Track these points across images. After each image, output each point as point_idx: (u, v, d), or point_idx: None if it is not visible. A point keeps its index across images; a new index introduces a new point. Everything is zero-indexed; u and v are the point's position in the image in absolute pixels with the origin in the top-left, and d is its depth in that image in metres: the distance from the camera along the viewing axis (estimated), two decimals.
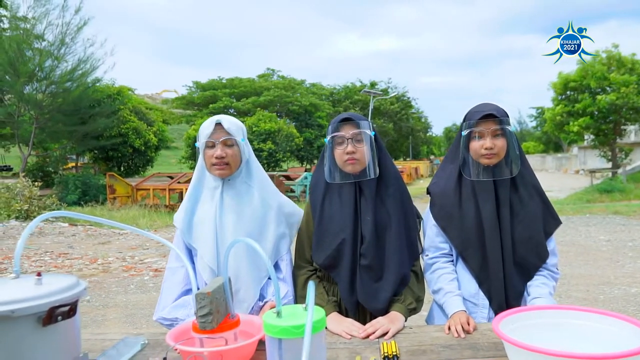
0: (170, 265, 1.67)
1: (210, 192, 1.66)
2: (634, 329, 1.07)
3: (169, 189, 14.98)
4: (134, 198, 15.47)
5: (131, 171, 21.10)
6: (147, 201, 15.09)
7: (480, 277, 1.63)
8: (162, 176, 18.03)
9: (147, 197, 15.37)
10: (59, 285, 1.01)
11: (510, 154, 1.61)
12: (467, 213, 1.64)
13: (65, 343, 1.03)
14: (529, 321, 1.19)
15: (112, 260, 7.73)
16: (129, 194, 15.73)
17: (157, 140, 21.07)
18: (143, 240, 9.75)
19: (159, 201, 15.02)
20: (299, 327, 1.08)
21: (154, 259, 7.80)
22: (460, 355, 1.25)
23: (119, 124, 18.88)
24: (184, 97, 39.53)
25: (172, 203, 14.72)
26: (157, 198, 15.19)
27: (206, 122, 1.64)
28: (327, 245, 1.60)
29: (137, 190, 15.63)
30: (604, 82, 17.59)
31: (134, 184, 15.88)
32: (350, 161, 1.58)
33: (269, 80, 39.19)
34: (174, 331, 1.31)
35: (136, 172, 21.37)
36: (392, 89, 42.73)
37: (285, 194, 17.81)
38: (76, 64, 15.87)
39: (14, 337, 0.93)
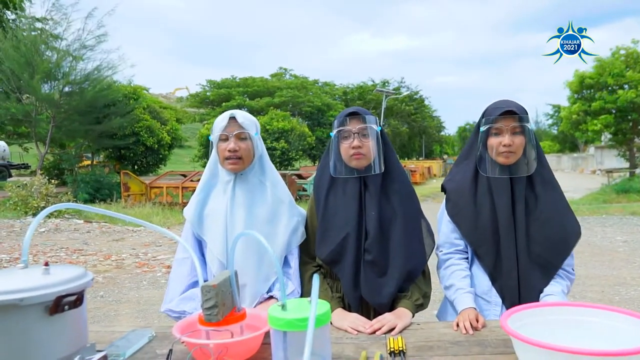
0: (177, 256, 1.68)
1: (223, 186, 1.67)
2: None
3: (182, 187, 15.12)
4: (148, 196, 15.65)
5: (144, 169, 21.32)
6: (161, 199, 15.27)
7: (493, 274, 1.61)
8: (176, 174, 18.21)
9: (160, 195, 15.54)
10: (66, 276, 1.02)
11: (528, 152, 1.59)
12: (482, 210, 1.62)
13: (71, 333, 1.04)
14: (538, 318, 1.17)
15: (125, 256, 7.82)
16: (143, 192, 15.92)
17: (170, 139, 21.25)
18: (156, 237, 9.85)
19: (172, 199, 15.18)
20: (303, 320, 1.07)
21: (166, 255, 7.87)
22: (468, 352, 1.24)
23: (133, 122, 19.09)
24: (198, 94, 39.86)
25: (186, 201, 14.85)
26: (170, 196, 15.35)
27: (220, 116, 1.65)
28: (330, 240, 1.59)
29: (150, 188, 15.81)
30: (621, 80, 17.25)
31: (147, 182, 16.08)
32: (356, 156, 1.57)
33: (281, 79, 39.30)
34: (181, 323, 1.32)
35: (149, 171, 21.59)
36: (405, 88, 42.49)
37: (297, 192, 17.80)
38: (95, 67, 16.16)
39: (21, 325, 0.94)
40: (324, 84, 40.85)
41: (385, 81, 41.43)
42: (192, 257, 1.36)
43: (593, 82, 17.87)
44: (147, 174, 21.16)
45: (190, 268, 1.61)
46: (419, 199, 1.73)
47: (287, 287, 1.61)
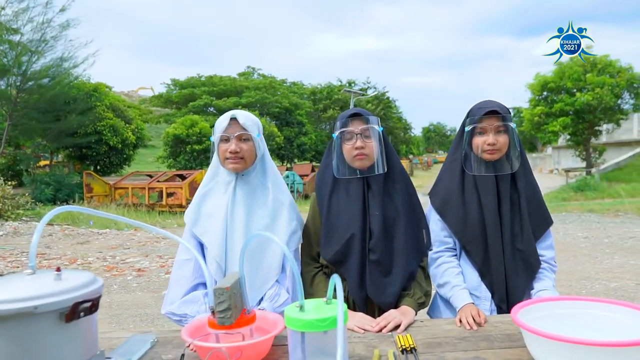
0: (178, 258, 1.64)
1: (224, 186, 1.64)
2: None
3: (148, 187, 14.74)
4: (112, 197, 15.17)
5: (107, 170, 20.63)
6: (126, 200, 14.83)
7: (482, 270, 1.65)
8: (141, 175, 17.72)
9: (125, 196, 15.09)
10: (79, 281, 0.98)
11: (512, 150, 1.64)
12: (469, 208, 1.67)
13: (85, 340, 1.00)
14: (544, 312, 1.21)
15: (92, 260, 7.55)
16: (107, 193, 15.42)
17: (135, 138, 20.65)
18: (123, 239, 9.56)
19: (139, 200, 14.77)
20: (323, 321, 1.07)
21: (136, 258, 7.66)
22: (476, 347, 1.27)
23: (95, 121, 18.43)
24: (162, 95, 38.85)
25: (152, 202, 14.49)
26: (136, 197, 14.93)
27: (222, 117, 1.63)
28: (335, 241, 1.60)
29: (115, 189, 15.33)
30: (580, 83, 18.11)
31: (111, 183, 15.57)
32: (359, 156, 1.58)
33: (249, 79, 38.88)
34: (189, 327, 1.29)
35: (112, 171, 20.91)
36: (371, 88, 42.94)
37: None
38: (56, 62, 15.44)
39: (35, 334, 0.90)
40: (292, 83, 40.70)
41: (352, 81, 41.73)
42: (196, 258, 1.33)
43: (554, 86, 18.67)
44: (110, 174, 20.49)
45: (193, 270, 1.57)
46: None
47: (279, 296, 1.59)
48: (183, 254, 1.62)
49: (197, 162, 23.93)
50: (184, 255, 1.62)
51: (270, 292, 1.58)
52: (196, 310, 1.50)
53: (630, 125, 24.34)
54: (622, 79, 17.93)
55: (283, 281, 1.62)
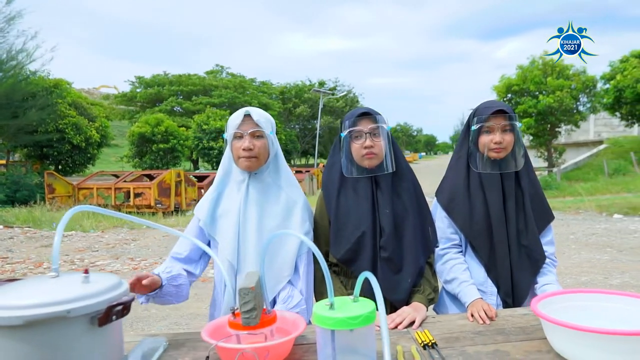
0: (175, 250, 1.66)
1: (237, 185, 1.62)
2: None
3: (115, 187, 14.29)
4: (76, 198, 14.62)
5: (69, 169, 19.87)
6: (91, 201, 14.33)
7: (488, 265, 1.69)
8: (107, 175, 17.15)
9: (90, 196, 14.57)
10: (108, 284, 0.94)
11: (516, 149, 1.69)
12: (475, 205, 1.70)
13: (114, 344, 0.97)
14: (561, 304, 1.26)
15: (59, 263, 7.24)
16: (70, 194, 14.84)
17: (99, 137, 19.98)
18: (91, 242, 9.24)
19: (104, 201, 14.29)
20: (355, 318, 1.07)
21: (106, 261, 7.41)
22: (493, 340, 1.30)
23: (56, 118, 17.70)
24: (125, 94, 37.71)
25: (119, 203, 14.05)
26: (102, 198, 14.44)
27: (235, 114, 1.61)
28: (346, 239, 1.60)
29: (79, 190, 14.78)
30: (541, 86, 18.85)
31: (75, 183, 15.00)
32: (368, 155, 1.58)
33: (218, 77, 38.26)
34: (209, 328, 1.26)
35: (75, 171, 20.15)
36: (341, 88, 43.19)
37: None
38: (10, 55, 14.68)
39: (67, 338, 0.86)
40: (261, 83, 40.33)
41: (322, 82, 41.84)
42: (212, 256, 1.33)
43: (518, 88, 19.36)
44: (73, 174, 19.74)
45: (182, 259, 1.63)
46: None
47: (293, 297, 1.58)
48: (177, 247, 1.65)
49: (164, 161, 23.41)
50: (177, 248, 1.65)
51: (283, 293, 1.56)
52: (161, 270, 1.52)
53: (587, 126, 25.54)
54: (578, 82, 18.81)
55: (296, 282, 1.60)
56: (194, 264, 1.64)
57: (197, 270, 1.65)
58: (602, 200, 13.06)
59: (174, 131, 23.61)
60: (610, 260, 6.26)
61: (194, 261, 1.65)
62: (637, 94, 17.53)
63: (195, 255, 1.64)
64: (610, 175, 17.87)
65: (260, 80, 40.66)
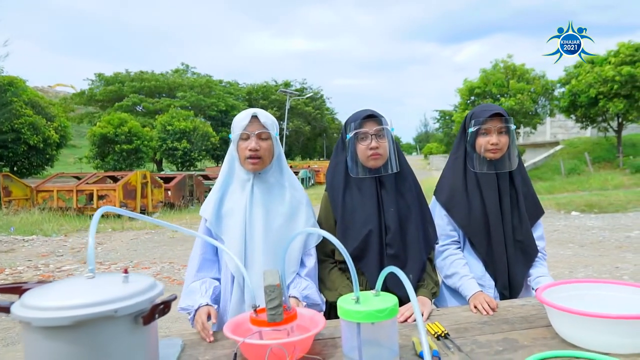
0: (193, 254, 1.68)
1: (241, 185, 1.65)
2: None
3: (76, 190, 13.76)
4: (34, 201, 13.99)
5: (26, 171, 18.97)
6: (51, 204, 13.74)
7: (486, 260, 1.78)
8: (67, 176, 16.49)
9: (50, 199, 13.98)
10: (146, 283, 0.95)
11: (511, 150, 1.79)
12: (473, 203, 1.79)
13: (154, 342, 0.97)
14: (564, 293, 1.35)
15: (22, 269, 6.94)
16: (28, 197, 14.19)
17: (58, 137, 19.17)
18: (55, 246, 8.88)
19: (65, 204, 13.74)
20: (381, 311, 1.12)
21: (73, 266, 7.15)
22: (500, 329, 1.38)
23: (11, 118, 16.86)
24: (84, 92, 36.36)
25: (81, 205, 13.55)
26: (62, 200, 13.88)
27: (241, 114, 1.63)
28: (353, 238, 1.64)
29: (37, 192, 14.15)
30: (503, 89, 19.59)
31: (33, 186, 14.34)
32: (373, 156, 1.63)
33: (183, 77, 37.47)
34: (230, 325, 1.27)
35: (32, 173, 19.26)
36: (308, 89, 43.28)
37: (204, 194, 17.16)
38: None
39: (113, 337, 0.86)
40: (227, 83, 39.83)
41: (287, 82, 41.79)
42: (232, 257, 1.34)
43: (480, 91, 20.02)
44: (29, 176, 18.86)
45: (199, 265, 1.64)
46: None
47: (300, 283, 1.62)
48: (197, 249, 1.66)
49: (127, 162, 22.72)
50: (197, 250, 1.66)
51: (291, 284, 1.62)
52: (197, 301, 1.52)
53: (543, 128, 26.73)
54: (538, 86, 19.67)
55: (300, 273, 1.66)
56: (215, 268, 1.67)
57: (219, 273, 1.68)
58: (560, 198, 13.70)
59: (138, 132, 22.96)
60: (573, 255, 6.61)
61: (215, 262, 1.68)
62: (590, 98, 18.50)
63: (212, 255, 1.67)
64: (566, 174, 18.77)
65: (227, 81, 40.20)
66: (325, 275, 1.69)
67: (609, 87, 17.75)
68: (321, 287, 1.69)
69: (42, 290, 0.89)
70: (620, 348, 1.12)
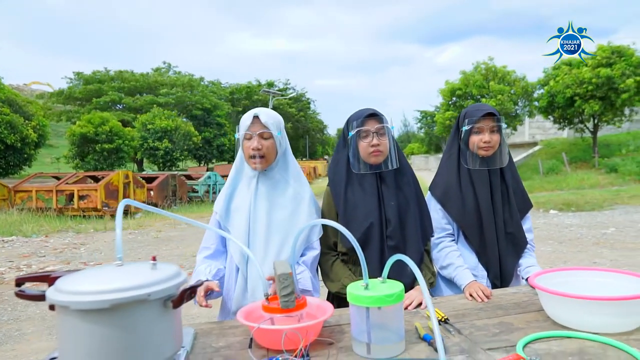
0: (203, 244, 1.77)
1: (247, 181, 1.74)
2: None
3: (56, 190, 13.52)
4: (12, 201, 13.69)
5: (3, 171, 18.55)
6: (29, 204, 13.47)
7: (479, 251, 1.88)
8: (46, 176, 16.18)
9: (28, 199, 13.70)
10: (173, 270, 1.00)
11: (502, 147, 1.89)
12: (466, 198, 1.88)
13: (179, 325, 1.03)
14: (554, 280, 1.45)
15: (3, 270, 6.83)
16: (5, 197, 13.88)
17: (36, 137, 18.79)
18: (36, 247, 8.74)
19: (45, 204, 13.48)
20: (390, 296, 1.19)
21: (57, 266, 7.06)
22: (495, 314, 1.47)
23: None
24: (62, 91, 35.64)
25: (61, 206, 13.32)
26: (42, 201, 13.61)
27: (246, 115, 1.72)
28: (355, 231, 1.72)
29: (15, 193, 13.85)
30: (483, 90, 20.00)
31: (11, 186, 14.03)
32: (375, 153, 1.72)
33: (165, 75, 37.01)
34: (243, 312, 1.33)
35: (9, 173, 18.84)
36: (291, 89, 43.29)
37: (187, 194, 16.97)
38: None
39: (145, 320, 0.91)
40: (210, 82, 39.54)
41: (270, 82, 41.73)
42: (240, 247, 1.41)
43: (461, 92, 20.40)
44: (6, 176, 18.45)
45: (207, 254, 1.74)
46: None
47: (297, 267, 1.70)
48: (208, 241, 1.77)
49: (108, 162, 22.37)
50: (207, 242, 1.76)
51: None
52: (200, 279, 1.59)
53: (522, 129, 27.33)
54: (518, 87, 20.14)
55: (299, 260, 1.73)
56: (223, 258, 1.76)
57: (225, 263, 1.76)
58: (539, 197, 14.07)
59: (119, 131, 22.64)
60: (552, 251, 6.82)
61: (223, 253, 1.76)
62: (567, 99, 19.01)
63: (221, 246, 1.76)
64: (544, 174, 19.26)
65: (209, 80, 39.89)
66: (328, 267, 1.76)
67: (584, 88, 18.26)
68: (324, 279, 1.77)
69: (75, 277, 0.93)
70: (607, 327, 1.22)
